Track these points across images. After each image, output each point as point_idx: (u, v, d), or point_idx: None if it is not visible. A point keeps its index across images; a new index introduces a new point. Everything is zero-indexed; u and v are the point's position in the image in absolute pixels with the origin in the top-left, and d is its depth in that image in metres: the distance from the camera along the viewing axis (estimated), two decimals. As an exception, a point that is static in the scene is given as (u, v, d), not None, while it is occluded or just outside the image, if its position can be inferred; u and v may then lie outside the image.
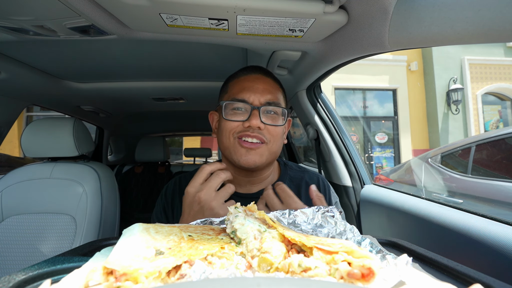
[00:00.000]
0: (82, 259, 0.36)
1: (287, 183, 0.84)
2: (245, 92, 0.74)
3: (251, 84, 0.75)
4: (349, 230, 0.47)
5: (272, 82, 0.79)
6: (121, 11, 0.67)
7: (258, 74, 0.78)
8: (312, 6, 0.62)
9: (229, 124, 0.73)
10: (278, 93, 0.78)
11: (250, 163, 0.72)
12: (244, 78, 0.78)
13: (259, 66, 0.83)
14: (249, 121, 0.71)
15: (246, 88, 0.74)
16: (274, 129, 0.74)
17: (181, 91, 1.64)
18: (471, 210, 0.75)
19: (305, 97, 1.34)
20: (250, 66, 0.82)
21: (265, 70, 0.81)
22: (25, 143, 1.32)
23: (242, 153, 0.72)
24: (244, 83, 0.76)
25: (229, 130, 0.74)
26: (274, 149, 0.76)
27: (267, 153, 0.75)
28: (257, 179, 0.81)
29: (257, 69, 0.80)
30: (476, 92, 7.74)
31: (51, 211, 1.27)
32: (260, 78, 0.77)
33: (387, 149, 8.06)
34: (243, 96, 0.73)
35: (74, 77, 1.42)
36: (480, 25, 0.44)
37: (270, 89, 0.76)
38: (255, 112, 0.72)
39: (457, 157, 2.71)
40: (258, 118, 0.71)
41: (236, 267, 0.34)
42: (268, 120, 0.74)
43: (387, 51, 0.69)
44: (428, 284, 0.30)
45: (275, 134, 0.75)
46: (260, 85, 0.75)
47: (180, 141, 8.81)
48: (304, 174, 0.89)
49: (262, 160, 0.74)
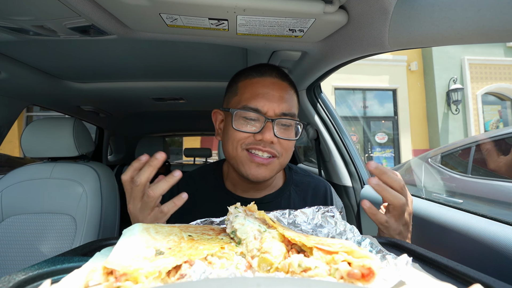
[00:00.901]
0: (82, 259, 0.36)
1: (292, 188, 0.82)
2: (259, 99, 0.66)
3: (266, 90, 0.67)
4: (349, 230, 0.47)
5: (288, 87, 0.71)
6: (121, 11, 0.67)
7: (275, 78, 0.69)
8: (312, 6, 0.62)
9: (238, 134, 0.66)
10: (293, 101, 0.71)
11: (260, 178, 0.67)
12: (258, 81, 0.69)
13: (274, 66, 0.74)
14: (261, 134, 0.64)
15: (261, 95, 0.66)
16: (287, 143, 0.68)
17: (181, 91, 1.64)
18: (471, 210, 0.75)
19: (305, 97, 1.34)
20: (265, 65, 0.73)
21: (281, 72, 0.72)
22: (25, 143, 1.32)
23: (252, 167, 0.67)
24: (258, 88, 0.67)
25: (238, 141, 0.67)
26: (285, 161, 0.71)
27: (278, 167, 0.70)
28: (262, 186, 0.78)
29: (272, 70, 0.71)
30: (476, 92, 7.75)
31: (51, 211, 1.27)
32: (276, 83, 0.69)
33: (387, 149, 8.07)
34: (257, 104, 0.65)
35: (74, 77, 1.42)
36: (480, 25, 0.44)
37: (286, 97, 0.68)
38: (269, 124, 0.64)
39: (457, 157, 2.71)
40: (272, 131, 0.64)
41: (236, 267, 0.34)
42: (281, 133, 0.67)
43: (387, 51, 0.69)
44: (428, 284, 0.30)
45: (288, 148, 0.69)
46: (276, 92, 0.67)
47: (180, 141, 8.81)
48: (309, 179, 0.85)
49: (272, 174, 0.69)
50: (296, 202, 0.80)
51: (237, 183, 0.77)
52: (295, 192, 0.81)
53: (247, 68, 0.73)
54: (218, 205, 0.77)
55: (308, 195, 0.82)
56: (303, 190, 0.82)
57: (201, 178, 0.84)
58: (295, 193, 0.81)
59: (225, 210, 0.48)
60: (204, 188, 0.81)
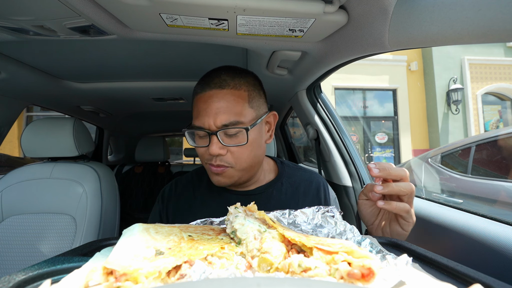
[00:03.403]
0: (82, 259, 0.36)
1: (284, 180, 0.83)
2: (200, 117, 0.68)
3: (204, 106, 0.68)
4: (349, 230, 0.47)
5: (229, 94, 0.68)
6: (121, 11, 0.67)
7: (213, 90, 0.68)
8: (312, 6, 0.62)
9: (197, 149, 0.73)
10: (237, 107, 0.68)
11: (221, 184, 0.73)
12: (200, 98, 0.70)
13: (219, 70, 0.73)
14: (209, 149, 0.67)
15: (201, 112, 0.68)
16: (238, 150, 0.69)
17: (181, 91, 1.64)
18: (471, 210, 0.75)
19: (305, 97, 1.34)
20: (207, 75, 0.73)
21: (223, 77, 0.70)
22: (25, 143, 1.32)
23: (213, 176, 0.73)
24: (199, 105, 0.69)
25: (200, 156, 0.74)
26: (244, 166, 0.71)
27: (237, 173, 0.72)
28: (250, 183, 0.80)
29: (213, 79, 0.70)
30: (476, 92, 7.75)
31: (51, 211, 1.27)
32: (214, 95, 0.68)
33: (387, 149, 8.07)
34: (199, 122, 0.68)
35: (74, 77, 1.42)
36: (480, 25, 0.44)
37: (225, 106, 0.67)
38: (213, 137, 0.67)
39: (457, 157, 2.71)
40: (217, 144, 0.67)
41: (236, 267, 0.34)
42: (229, 142, 0.68)
43: (387, 51, 0.69)
44: (428, 284, 0.30)
45: (240, 155, 0.70)
46: (214, 105, 0.67)
47: (180, 141, 8.81)
48: (301, 172, 0.88)
49: (233, 180, 0.72)
50: (288, 192, 0.81)
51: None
52: (287, 183, 0.83)
53: (198, 81, 0.74)
54: (214, 199, 0.80)
55: (300, 186, 0.83)
56: (295, 182, 0.84)
57: (197, 176, 0.88)
58: (287, 184, 0.83)
59: (221, 204, 0.47)
60: (200, 185, 0.85)
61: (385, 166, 0.56)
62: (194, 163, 3.20)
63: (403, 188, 0.56)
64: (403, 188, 0.56)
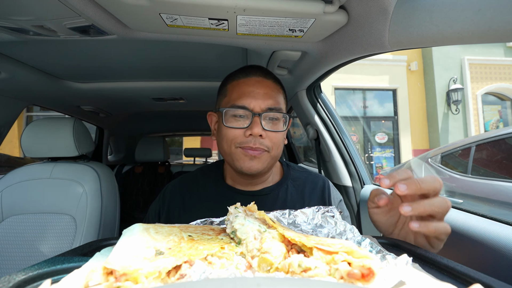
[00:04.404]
0: (82, 259, 0.36)
1: (289, 182, 0.84)
2: (246, 97, 0.71)
3: (251, 88, 0.72)
4: (349, 230, 0.47)
5: (273, 84, 0.76)
6: (121, 11, 0.67)
7: (259, 77, 0.75)
8: (312, 6, 0.62)
9: (230, 132, 0.71)
10: (279, 97, 0.76)
11: (253, 170, 0.72)
12: (244, 82, 0.74)
13: (259, 66, 0.80)
14: (250, 128, 0.69)
15: (247, 93, 0.71)
16: (275, 136, 0.73)
17: (181, 91, 1.64)
18: (471, 210, 0.75)
19: (305, 97, 1.34)
20: (249, 66, 0.79)
21: (265, 70, 0.78)
22: (25, 143, 1.32)
23: (246, 161, 0.71)
24: (244, 88, 0.73)
25: (231, 139, 0.72)
26: (276, 154, 0.75)
27: (269, 160, 0.74)
28: (259, 181, 0.81)
29: (257, 70, 0.77)
30: (476, 92, 7.74)
31: (51, 211, 1.27)
32: (260, 81, 0.74)
33: (387, 149, 8.06)
34: (244, 102, 0.71)
35: (74, 77, 1.42)
36: (480, 25, 0.44)
37: (271, 93, 0.73)
38: (256, 119, 0.69)
39: (457, 157, 2.71)
40: (260, 126, 0.69)
41: (236, 267, 0.34)
42: (269, 127, 0.72)
43: (387, 51, 0.69)
44: (428, 284, 0.30)
45: (276, 140, 0.74)
46: (261, 90, 0.72)
47: (180, 141, 8.82)
48: (306, 174, 0.88)
49: (264, 166, 0.73)
50: (293, 194, 0.82)
51: (235, 179, 0.81)
52: (292, 185, 0.84)
53: (234, 71, 0.79)
54: (219, 198, 0.80)
55: (305, 188, 0.84)
56: (300, 184, 0.85)
57: (203, 174, 0.88)
58: (292, 186, 0.84)
59: (226, 203, 0.48)
60: (205, 183, 0.84)
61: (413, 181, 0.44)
62: (194, 163, 3.20)
63: (438, 208, 0.43)
64: (438, 208, 0.43)
